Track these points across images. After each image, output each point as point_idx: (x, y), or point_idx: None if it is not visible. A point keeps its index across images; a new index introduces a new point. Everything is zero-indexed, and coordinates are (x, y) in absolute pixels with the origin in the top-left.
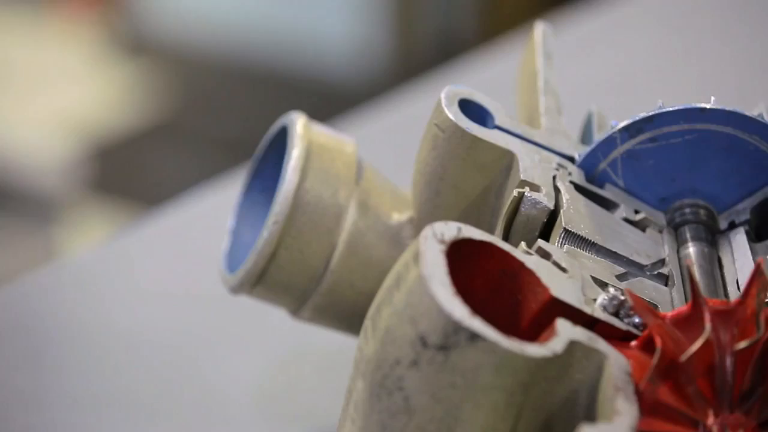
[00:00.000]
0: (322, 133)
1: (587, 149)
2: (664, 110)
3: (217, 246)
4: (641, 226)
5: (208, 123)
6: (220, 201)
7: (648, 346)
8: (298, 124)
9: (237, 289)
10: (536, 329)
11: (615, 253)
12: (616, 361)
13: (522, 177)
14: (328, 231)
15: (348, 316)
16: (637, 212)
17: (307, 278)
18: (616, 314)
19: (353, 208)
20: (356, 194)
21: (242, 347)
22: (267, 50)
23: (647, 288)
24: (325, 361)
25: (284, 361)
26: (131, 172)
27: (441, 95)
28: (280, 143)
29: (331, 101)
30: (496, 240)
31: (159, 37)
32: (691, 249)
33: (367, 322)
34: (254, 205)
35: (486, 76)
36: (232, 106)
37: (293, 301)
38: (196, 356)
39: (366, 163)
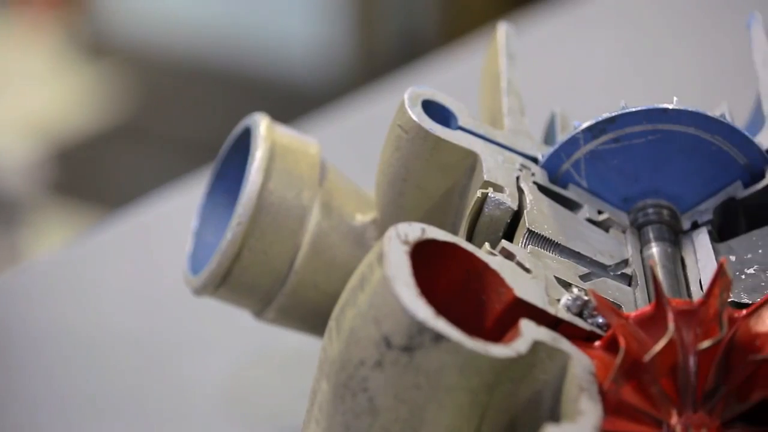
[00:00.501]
0: (285, 134)
1: (550, 150)
2: (626, 111)
3: (181, 248)
4: (604, 226)
5: (171, 125)
6: (183, 203)
7: (612, 346)
8: (262, 125)
9: (200, 290)
10: (500, 330)
11: (578, 253)
12: (579, 361)
13: (485, 178)
14: (292, 232)
15: (312, 317)
16: (600, 212)
17: (271, 279)
18: (579, 314)
19: (317, 209)
20: (320, 195)
21: (206, 349)
22: (229, 52)
23: (610, 288)
24: (289, 362)
25: (248, 363)
26: (94, 174)
27: (404, 96)
28: (243, 145)
29: (294, 102)
30: (460, 241)
31: (121, 39)
32: (655, 249)
33: (332, 323)
34: (218, 206)
35: (448, 76)
36: (194, 107)
37: (257, 302)
38: (160, 358)
39: (329, 164)
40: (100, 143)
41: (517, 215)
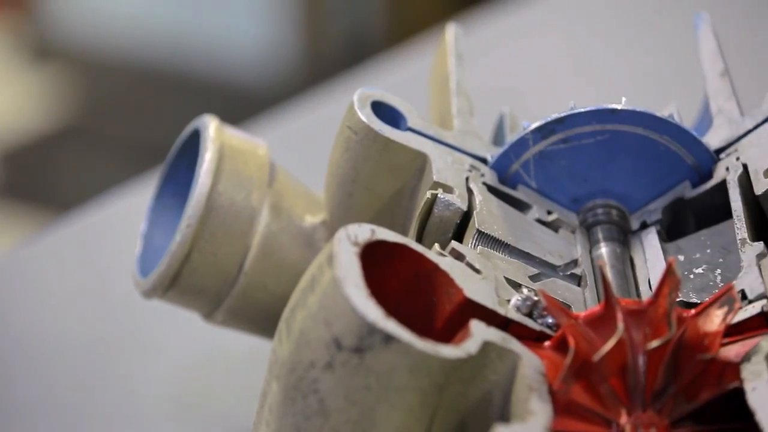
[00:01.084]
0: (234, 136)
1: (499, 151)
2: (575, 111)
3: (130, 250)
4: (554, 226)
5: (119, 127)
6: (132, 205)
7: (561, 346)
8: (211, 127)
9: (150, 292)
10: (451, 330)
11: (528, 254)
12: (529, 362)
13: (435, 179)
14: (241, 234)
15: (262, 318)
16: (549, 213)
17: (221, 281)
18: (529, 315)
19: (266, 210)
20: (269, 197)
21: (156, 352)
22: (177, 53)
23: (560, 288)
24: (238, 364)
25: (198, 365)
26: (43, 176)
27: (354, 97)
28: (192, 147)
29: (242, 104)
30: (410, 242)
31: (68, 41)
32: (604, 249)
33: (282, 325)
34: (167, 209)
35: (396, 78)
36: (143, 109)
37: (206, 304)
38: (110, 361)
39: (278, 165)
40: (49, 146)
41: (466, 216)
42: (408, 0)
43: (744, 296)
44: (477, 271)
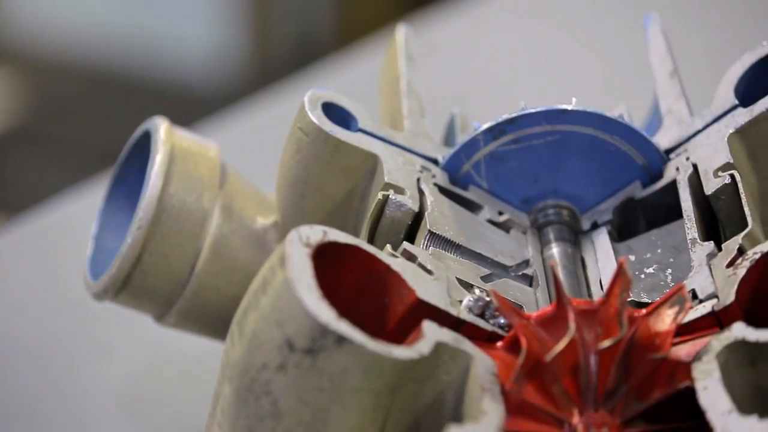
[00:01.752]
0: (185, 137)
1: (450, 151)
2: (526, 112)
3: (81, 253)
4: (505, 227)
5: (69, 129)
6: (83, 207)
7: (514, 346)
8: (161, 129)
9: (101, 295)
10: (403, 331)
11: (479, 254)
12: (482, 362)
13: (386, 180)
14: (193, 235)
15: (213, 320)
16: (501, 213)
17: (172, 283)
18: (481, 315)
19: (217, 212)
20: (220, 198)
21: (107, 354)
22: (126, 55)
23: (512, 289)
24: (191, 366)
25: (149, 367)
26: None
27: (304, 99)
28: (143, 148)
29: (192, 106)
30: (362, 243)
31: (16, 43)
32: (555, 249)
33: (234, 327)
34: (118, 211)
35: (346, 79)
36: (93, 111)
37: (158, 306)
38: (61, 363)
39: (230, 167)
40: None
41: (418, 217)
42: (357, 1)
43: (694, 296)
44: (429, 271)
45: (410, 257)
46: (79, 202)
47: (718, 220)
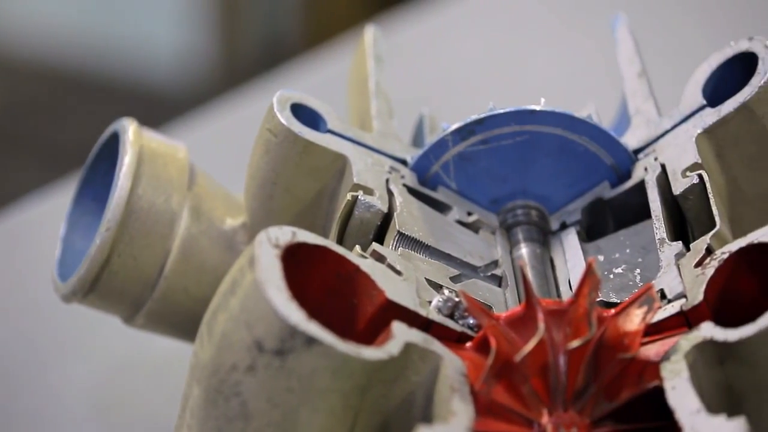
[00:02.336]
0: (153, 138)
1: (419, 152)
2: (494, 112)
3: (49, 255)
4: (474, 227)
5: (38, 130)
6: (51, 209)
7: (483, 346)
8: (129, 130)
9: (69, 297)
10: (372, 332)
11: (448, 255)
12: (451, 363)
13: (355, 180)
14: (162, 237)
15: (183, 321)
16: (470, 214)
17: (141, 285)
18: (451, 316)
19: (186, 213)
20: (189, 200)
21: (76, 356)
22: (94, 57)
23: (481, 289)
24: (159, 368)
25: (118, 369)
26: None
27: (273, 100)
28: (111, 150)
29: (160, 107)
30: (331, 244)
31: None
32: (524, 250)
33: (203, 328)
34: (86, 212)
35: (314, 80)
36: (61, 113)
37: (127, 308)
38: (30, 365)
39: (198, 168)
40: None
41: (387, 218)
42: (325, 1)
43: (663, 296)
44: (398, 272)
45: (379, 258)
46: (48, 203)
47: (686, 220)
